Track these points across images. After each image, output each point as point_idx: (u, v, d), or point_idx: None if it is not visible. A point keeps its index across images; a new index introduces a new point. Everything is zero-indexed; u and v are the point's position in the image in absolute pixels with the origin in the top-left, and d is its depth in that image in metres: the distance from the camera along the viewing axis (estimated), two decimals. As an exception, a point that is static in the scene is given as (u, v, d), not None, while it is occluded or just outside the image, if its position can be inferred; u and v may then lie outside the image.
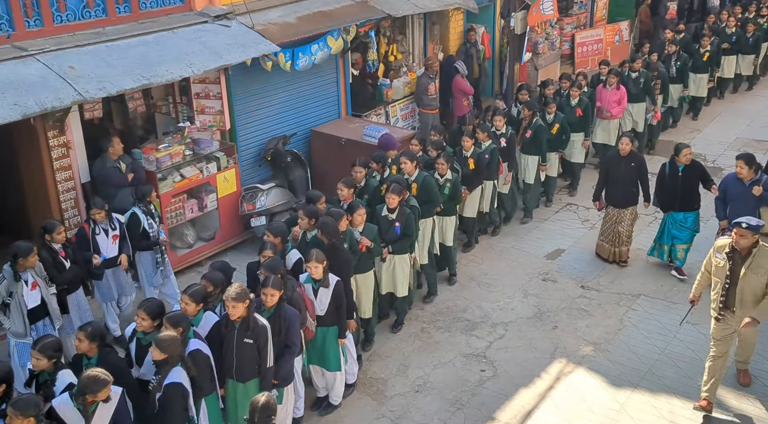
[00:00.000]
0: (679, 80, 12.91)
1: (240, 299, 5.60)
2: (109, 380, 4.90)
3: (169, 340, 5.24)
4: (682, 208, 8.70)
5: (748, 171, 7.92)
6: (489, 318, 8.33)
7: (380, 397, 7.16)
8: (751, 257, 6.29)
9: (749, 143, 12.81)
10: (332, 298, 6.51)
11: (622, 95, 11.35)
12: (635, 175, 8.87)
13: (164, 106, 9.87)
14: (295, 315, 6.09)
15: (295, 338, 6.08)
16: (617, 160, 8.94)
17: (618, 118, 11.53)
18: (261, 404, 4.87)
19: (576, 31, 16.00)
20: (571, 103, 10.82)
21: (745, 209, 7.76)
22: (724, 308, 6.51)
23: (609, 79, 11.32)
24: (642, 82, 11.79)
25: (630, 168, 8.84)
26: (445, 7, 11.93)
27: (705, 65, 13.47)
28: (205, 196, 9.22)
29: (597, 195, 9.24)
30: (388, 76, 12.26)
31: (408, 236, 7.68)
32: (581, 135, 10.94)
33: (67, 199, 8.23)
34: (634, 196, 8.96)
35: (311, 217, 7.14)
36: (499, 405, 7.00)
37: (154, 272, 7.96)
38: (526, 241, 9.97)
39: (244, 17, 9.24)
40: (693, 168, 8.58)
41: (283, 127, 10.47)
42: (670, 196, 8.70)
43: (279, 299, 5.96)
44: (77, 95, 7.28)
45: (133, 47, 8.17)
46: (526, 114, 10.21)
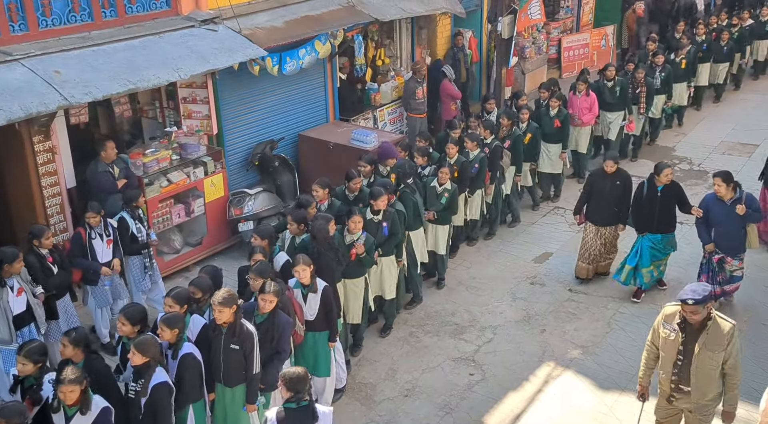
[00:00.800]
0: (663, 91, 12.67)
1: (227, 304, 5.57)
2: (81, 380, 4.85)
3: (148, 342, 5.23)
4: (660, 229, 8.27)
5: (726, 189, 7.63)
6: (477, 322, 8.33)
7: (369, 402, 7.14)
8: (706, 332, 5.32)
9: (734, 146, 12.92)
10: (321, 303, 6.50)
11: (593, 102, 11.16)
12: (619, 194, 8.53)
13: (151, 111, 9.82)
14: (288, 323, 6.07)
15: (285, 345, 6.07)
16: (602, 177, 8.59)
17: (589, 126, 11.33)
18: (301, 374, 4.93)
19: (562, 36, 16.11)
20: (550, 113, 10.62)
21: (731, 230, 7.74)
22: (676, 389, 5.61)
23: (578, 86, 11.17)
24: (618, 91, 11.56)
25: (615, 186, 8.51)
26: (433, 12, 11.97)
27: (684, 74, 13.31)
28: (192, 201, 9.18)
29: (578, 209, 8.89)
30: (376, 81, 12.27)
31: (395, 234, 7.66)
32: (558, 146, 10.70)
33: (52, 204, 8.17)
34: (616, 215, 8.61)
35: (300, 222, 7.14)
36: (488, 409, 7.01)
37: (142, 277, 7.92)
38: (513, 244, 9.99)
39: (232, 21, 9.22)
40: (672, 189, 8.20)
41: (270, 131, 10.45)
42: (647, 217, 8.26)
43: (275, 306, 5.94)
44: (63, 100, 7.23)
45: (120, 52, 8.13)
46: (505, 123, 10.02)
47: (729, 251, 7.88)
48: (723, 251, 7.89)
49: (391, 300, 8.01)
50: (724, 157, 12.46)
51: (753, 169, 11.83)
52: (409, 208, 8.14)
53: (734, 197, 7.66)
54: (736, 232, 7.79)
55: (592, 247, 8.78)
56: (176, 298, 5.85)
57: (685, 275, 8.80)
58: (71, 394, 4.83)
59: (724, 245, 7.86)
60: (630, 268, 8.43)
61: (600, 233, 8.73)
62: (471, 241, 9.94)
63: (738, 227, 7.75)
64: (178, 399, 5.53)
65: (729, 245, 7.85)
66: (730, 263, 7.92)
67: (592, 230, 8.76)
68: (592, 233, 8.75)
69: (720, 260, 7.94)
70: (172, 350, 5.57)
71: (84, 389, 4.90)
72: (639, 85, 11.92)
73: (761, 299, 8.50)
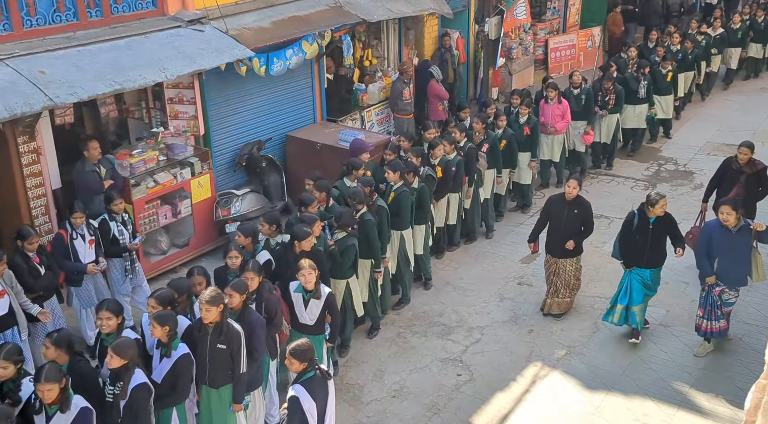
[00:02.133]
0: (646, 100, 12.22)
1: (214, 303, 5.53)
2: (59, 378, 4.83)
3: (125, 345, 5.21)
4: (650, 264, 7.62)
5: (735, 217, 7.14)
6: (465, 322, 8.35)
7: (357, 403, 7.14)
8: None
9: (719, 147, 13.01)
10: (323, 309, 6.47)
11: (565, 109, 10.90)
12: (578, 223, 7.90)
13: (137, 112, 9.76)
14: (260, 322, 6.01)
15: (257, 345, 5.97)
16: (561, 203, 7.95)
17: (562, 134, 11.05)
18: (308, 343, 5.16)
19: (549, 37, 16.17)
20: (520, 120, 10.35)
21: (737, 260, 7.25)
22: None
23: (548, 93, 10.90)
24: (583, 99, 11.26)
25: (573, 215, 7.86)
26: (420, 12, 11.98)
27: (669, 86, 12.78)
28: (179, 202, 9.13)
29: (533, 236, 8.34)
30: (364, 81, 12.27)
31: (369, 240, 7.61)
32: (528, 155, 10.45)
33: (37, 205, 8.10)
34: (575, 247, 7.99)
35: (272, 223, 7.18)
36: (476, 409, 7.02)
37: (122, 280, 7.88)
38: (501, 245, 10.02)
39: (218, 22, 9.18)
40: (666, 220, 7.56)
41: (258, 132, 10.42)
42: (637, 251, 7.57)
43: (243, 303, 5.91)
44: (48, 101, 7.18)
45: (105, 52, 8.08)
46: (478, 128, 9.83)
47: (732, 283, 7.35)
48: (725, 282, 7.33)
49: (372, 301, 7.98)
50: (710, 158, 12.55)
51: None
52: (406, 208, 8.16)
53: (740, 224, 7.18)
54: (742, 262, 7.29)
55: (551, 278, 8.22)
56: (159, 299, 5.81)
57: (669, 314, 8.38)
58: (49, 392, 4.80)
59: (727, 276, 7.30)
60: (622, 308, 7.74)
61: (558, 265, 8.12)
62: (451, 246, 9.85)
63: (744, 257, 7.26)
64: (171, 398, 5.51)
65: (733, 277, 7.32)
66: (728, 293, 7.41)
67: (550, 262, 8.18)
68: (552, 266, 8.17)
69: (720, 291, 7.39)
70: (163, 348, 5.52)
71: (63, 388, 4.87)
72: (608, 93, 11.52)
73: (745, 297, 8.55)
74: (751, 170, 8.68)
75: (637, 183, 11.75)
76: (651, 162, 12.47)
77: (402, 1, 11.55)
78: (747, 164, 8.66)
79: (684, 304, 8.51)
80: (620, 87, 11.74)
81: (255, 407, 6.27)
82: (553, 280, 8.17)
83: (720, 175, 8.89)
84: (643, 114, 12.37)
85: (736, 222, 7.16)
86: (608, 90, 11.54)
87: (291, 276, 6.64)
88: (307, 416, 5.16)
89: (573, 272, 8.12)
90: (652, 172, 12.13)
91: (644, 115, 12.40)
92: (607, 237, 10.07)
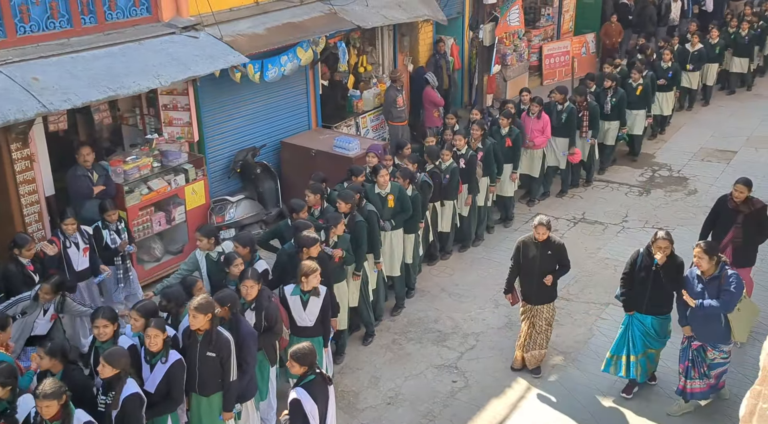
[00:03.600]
0: (615, 117, 11.65)
1: (201, 310, 5.48)
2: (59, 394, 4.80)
3: (117, 354, 5.19)
4: (651, 310, 6.89)
5: (708, 263, 6.33)
6: (460, 329, 8.33)
7: (352, 410, 7.11)
8: None
9: (713, 153, 13.06)
10: (322, 308, 6.47)
11: (545, 123, 10.61)
12: (553, 265, 7.27)
13: (131, 118, 9.75)
14: (251, 334, 5.95)
15: (248, 357, 5.90)
16: (532, 246, 7.24)
17: (542, 148, 10.77)
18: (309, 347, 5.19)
19: (543, 43, 16.23)
20: (501, 132, 10.11)
21: (707, 314, 6.38)
22: None
23: (531, 106, 10.61)
24: (565, 117, 10.83)
25: (547, 257, 7.21)
26: (415, 19, 12.00)
27: (639, 100, 12.09)
28: (173, 208, 9.11)
29: (509, 286, 7.45)
30: (358, 88, 12.28)
31: (358, 245, 7.59)
32: (509, 166, 10.19)
33: (30, 212, 8.07)
34: (550, 291, 7.32)
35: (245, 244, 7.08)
36: (471, 416, 7.00)
37: (115, 288, 7.85)
38: (496, 251, 10.02)
39: (213, 28, 9.18)
40: (673, 264, 6.72)
41: (252, 138, 10.41)
42: (638, 293, 6.86)
43: (230, 314, 5.85)
44: (41, 107, 7.16)
45: (99, 58, 8.06)
46: (476, 135, 9.63)
47: (706, 339, 6.58)
48: (699, 338, 6.59)
49: (365, 307, 7.97)
50: (704, 164, 12.60)
51: (732, 176, 11.94)
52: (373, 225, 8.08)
53: (714, 274, 6.36)
54: (713, 318, 6.43)
55: (527, 329, 7.53)
56: (140, 311, 5.73)
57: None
58: (48, 409, 4.76)
59: (699, 331, 6.57)
60: (625, 358, 7.04)
61: (535, 312, 7.43)
62: (445, 254, 9.81)
63: (716, 314, 6.40)
64: (165, 406, 5.48)
65: (705, 333, 6.55)
66: (711, 352, 6.63)
67: (526, 310, 7.50)
68: (528, 315, 7.50)
69: (700, 347, 6.64)
70: (161, 356, 5.47)
71: (64, 404, 4.83)
72: (582, 110, 11.10)
73: (740, 304, 8.56)
74: (749, 210, 7.67)
75: (632, 189, 11.77)
76: (645, 168, 12.50)
77: (397, 8, 11.57)
78: (744, 203, 7.67)
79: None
80: (594, 103, 11.24)
81: (248, 417, 6.23)
82: (529, 331, 7.47)
83: (715, 215, 7.94)
84: (612, 131, 11.78)
85: (712, 269, 6.35)
86: (581, 106, 11.09)
87: None
88: (309, 418, 5.17)
89: (549, 318, 7.46)
90: (646, 178, 12.15)
91: (612, 133, 11.80)
92: (601, 243, 10.10)
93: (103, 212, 7.72)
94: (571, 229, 10.55)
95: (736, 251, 7.70)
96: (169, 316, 6.04)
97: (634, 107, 12.11)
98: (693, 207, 11.07)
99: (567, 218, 10.87)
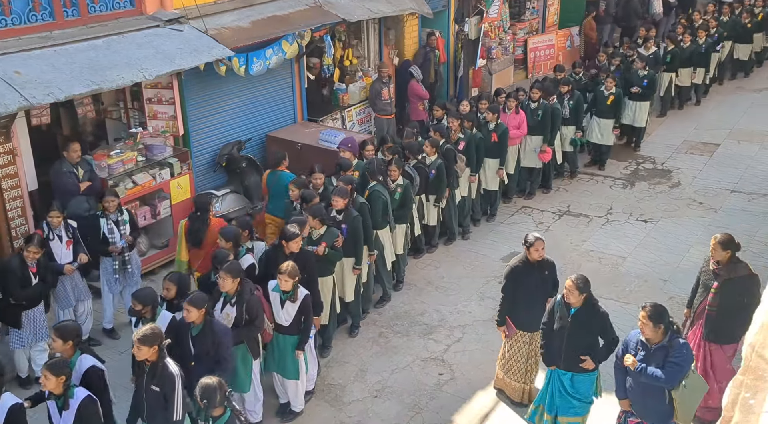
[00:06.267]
0: (572, 122, 11.28)
1: (146, 343, 5.20)
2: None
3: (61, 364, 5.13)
4: (568, 365, 6.07)
5: (653, 330, 5.37)
6: (446, 321, 8.37)
7: (338, 403, 7.13)
8: None
9: (696, 146, 13.17)
10: (298, 311, 6.45)
11: (521, 120, 10.48)
12: (549, 286, 6.66)
13: (115, 112, 9.69)
14: (225, 331, 5.91)
15: (225, 354, 5.82)
16: (527, 270, 6.58)
17: (516, 145, 10.56)
18: (214, 384, 4.91)
19: (529, 37, 16.26)
20: (489, 126, 10.03)
21: (650, 390, 5.51)
22: None
23: (507, 103, 10.51)
24: (540, 115, 10.63)
25: (544, 278, 6.62)
26: (400, 12, 11.99)
27: (609, 110, 11.59)
28: (159, 203, 9.07)
29: (503, 318, 6.79)
30: (344, 81, 12.25)
31: (356, 240, 7.62)
32: (496, 162, 10.17)
33: (13, 207, 7.98)
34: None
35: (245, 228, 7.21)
36: (457, 408, 7.04)
37: (114, 280, 7.80)
38: (482, 244, 10.06)
39: (197, 21, 9.12)
40: (592, 313, 5.88)
41: (237, 132, 10.37)
42: (554, 345, 6.09)
43: (204, 315, 5.78)
44: (23, 101, 7.09)
45: (82, 52, 7.99)
46: (454, 126, 9.66)
47: (645, 417, 5.69)
48: (638, 414, 5.72)
49: (357, 299, 7.99)
50: (687, 156, 12.71)
51: (715, 169, 12.11)
52: (378, 207, 8.14)
53: (661, 343, 5.41)
54: (655, 392, 5.49)
55: (519, 360, 6.92)
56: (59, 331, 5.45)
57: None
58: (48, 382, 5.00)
59: (638, 406, 5.70)
60: (544, 410, 6.35)
61: (533, 342, 6.81)
62: (431, 247, 9.84)
63: (658, 388, 5.47)
64: None
65: (644, 409, 5.66)
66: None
67: (525, 340, 6.81)
68: (526, 344, 6.83)
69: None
70: (59, 400, 5.16)
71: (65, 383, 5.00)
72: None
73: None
74: (728, 276, 6.36)
75: (616, 182, 11.85)
76: (630, 161, 12.59)
77: (382, 1, 11.55)
78: (725, 267, 6.39)
79: (662, 301, 8.56)
80: (557, 107, 10.89)
81: None
82: (525, 361, 6.90)
83: (698, 275, 6.84)
84: (568, 137, 11.42)
85: (658, 338, 5.40)
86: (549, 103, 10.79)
87: None
88: None
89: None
90: (630, 171, 12.23)
91: (569, 138, 11.43)
92: (586, 235, 10.18)
93: (101, 198, 7.63)
94: (556, 221, 10.62)
95: (708, 322, 6.51)
96: (139, 321, 5.99)
97: (604, 116, 11.68)
98: (676, 200, 11.18)
99: (552, 210, 10.94)
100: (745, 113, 14.63)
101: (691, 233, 10.16)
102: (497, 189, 10.56)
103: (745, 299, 6.21)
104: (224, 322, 6.11)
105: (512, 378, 6.99)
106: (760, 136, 13.40)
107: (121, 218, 7.73)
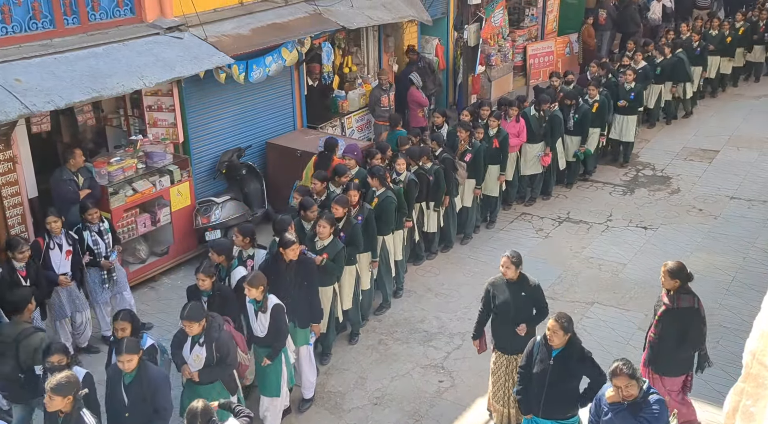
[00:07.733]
0: (575, 133, 11.29)
1: (58, 392, 4.81)
2: None
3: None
4: (548, 414, 5.70)
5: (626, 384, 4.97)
6: (446, 328, 8.36)
7: (338, 411, 7.11)
8: None
9: (695, 152, 13.18)
10: (271, 322, 6.32)
11: (521, 128, 10.51)
12: (529, 308, 6.37)
13: (115, 119, 9.70)
14: (161, 377, 5.60)
15: (164, 402, 5.52)
16: (503, 287, 6.39)
17: (515, 152, 10.55)
18: (200, 409, 4.81)
19: (528, 44, 16.29)
20: (490, 133, 10.03)
21: None
22: None
23: (509, 110, 10.49)
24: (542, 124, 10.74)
25: (521, 299, 6.31)
26: (399, 20, 12.02)
27: (595, 118, 11.40)
28: (158, 210, 9.07)
29: (479, 331, 6.69)
30: (344, 88, 12.28)
31: (354, 246, 7.62)
32: (497, 168, 10.16)
33: (13, 215, 7.99)
34: (527, 340, 5.99)
35: (246, 235, 7.15)
36: (457, 415, 7.03)
37: (101, 290, 7.79)
38: (482, 251, 10.06)
39: (197, 29, 9.15)
40: (576, 355, 5.55)
41: (237, 139, 10.38)
42: (532, 391, 5.71)
43: (138, 361, 5.42)
44: (24, 109, 7.10)
45: (82, 59, 8.01)
46: (463, 136, 9.65)
47: None
48: None
49: (355, 307, 7.97)
50: (687, 163, 12.71)
51: (714, 176, 12.12)
52: (390, 213, 8.15)
53: (636, 400, 5.03)
54: None
55: (506, 383, 6.57)
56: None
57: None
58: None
59: None
60: None
61: (511, 363, 6.49)
62: (431, 254, 9.82)
63: None
64: None
65: None
66: None
67: (501, 361, 6.55)
68: (503, 366, 6.54)
69: None
70: None
71: None
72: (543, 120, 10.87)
73: (722, 300, 8.67)
74: (672, 305, 6.10)
75: (616, 188, 11.86)
76: (629, 167, 12.59)
77: (381, 9, 11.59)
78: (674, 294, 6.10)
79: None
80: (558, 114, 10.93)
81: None
82: (503, 383, 6.57)
83: None
84: (571, 149, 11.42)
85: (633, 394, 5.00)
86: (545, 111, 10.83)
87: (281, 286, 6.55)
88: None
89: None
90: (630, 178, 12.24)
91: (572, 150, 11.44)
92: (586, 242, 10.17)
93: (84, 212, 7.61)
94: (556, 228, 10.62)
95: (651, 349, 6.31)
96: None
97: (592, 124, 11.49)
98: (676, 206, 11.18)
99: (552, 217, 10.94)
100: (745, 120, 14.64)
101: (690, 239, 10.16)
102: (497, 196, 10.56)
103: (689, 331, 6.09)
104: (194, 364, 5.86)
105: (494, 399, 6.72)
106: (760, 143, 13.42)
107: (104, 228, 7.72)
